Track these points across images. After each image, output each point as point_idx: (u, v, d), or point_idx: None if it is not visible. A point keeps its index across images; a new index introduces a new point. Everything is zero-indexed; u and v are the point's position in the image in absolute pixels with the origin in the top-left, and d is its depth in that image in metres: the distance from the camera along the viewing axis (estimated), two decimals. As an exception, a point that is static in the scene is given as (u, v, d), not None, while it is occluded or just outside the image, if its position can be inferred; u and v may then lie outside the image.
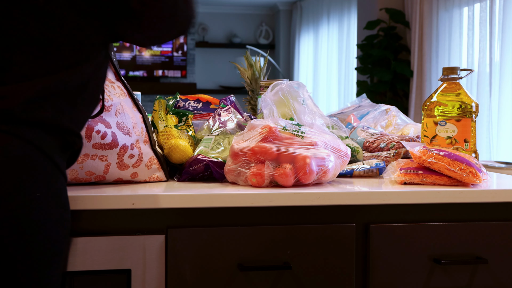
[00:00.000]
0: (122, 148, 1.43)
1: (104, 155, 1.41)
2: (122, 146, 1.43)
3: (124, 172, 1.45)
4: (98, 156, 1.40)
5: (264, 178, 1.43)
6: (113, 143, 1.41)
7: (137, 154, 1.46)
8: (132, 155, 1.45)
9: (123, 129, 1.44)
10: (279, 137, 1.48)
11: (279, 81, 1.72)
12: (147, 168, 1.49)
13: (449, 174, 1.51)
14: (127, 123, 1.46)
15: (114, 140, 1.41)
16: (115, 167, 1.43)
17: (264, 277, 1.39)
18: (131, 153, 1.45)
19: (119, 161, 1.43)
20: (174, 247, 1.35)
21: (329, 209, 1.43)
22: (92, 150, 1.40)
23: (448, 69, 1.78)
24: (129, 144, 1.45)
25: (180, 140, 1.58)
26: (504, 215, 1.51)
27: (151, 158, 1.50)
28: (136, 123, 1.49)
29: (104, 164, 1.42)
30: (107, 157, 1.41)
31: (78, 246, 1.30)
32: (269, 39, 8.53)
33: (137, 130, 1.48)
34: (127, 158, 1.44)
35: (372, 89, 5.06)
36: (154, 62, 8.14)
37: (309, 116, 1.64)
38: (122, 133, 1.44)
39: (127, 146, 1.44)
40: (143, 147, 1.49)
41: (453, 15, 4.68)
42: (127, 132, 1.45)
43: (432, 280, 1.47)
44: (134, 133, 1.47)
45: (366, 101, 2.16)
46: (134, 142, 1.47)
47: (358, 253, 1.45)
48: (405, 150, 1.74)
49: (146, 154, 1.49)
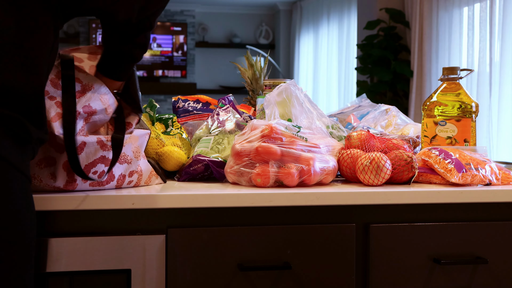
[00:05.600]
0: (119, 179, 1.39)
1: (101, 188, 1.37)
2: (120, 176, 1.39)
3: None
4: (96, 190, 1.36)
5: (269, 178, 1.43)
6: (109, 178, 1.37)
7: (136, 178, 1.42)
8: (130, 181, 1.42)
9: (120, 159, 1.37)
10: (282, 137, 1.48)
11: (284, 81, 1.72)
12: (146, 184, 1.46)
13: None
14: (128, 151, 1.39)
15: (110, 175, 1.36)
16: (113, 191, 1.39)
17: (264, 277, 1.39)
18: (129, 180, 1.41)
19: (117, 185, 1.40)
20: (174, 247, 1.35)
21: (329, 209, 1.43)
22: (89, 187, 1.35)
23: (448, 69, 1.78)
24: (127, 173, 1.40)
25: (172, 147, 1.58)
26: (504, 215, 1.51)
27: (151, 173, 1.47)
28: (140, 145, 1.42)
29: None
30: (104, 189, 1.38)
31: (78, 246, 1.30)
32: (269, 39, 8.53)
33: (139, 154, 1.42)
34: (126, 185, 1.41)
35: (372, 89, 5.06)
36: (154, 62, 8.14)
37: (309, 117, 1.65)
38: (119, 163, 1.37)
39: (124, 175, 1.40)
40: (142, 163, 1.44)
41: (453, 15, 4.68)
42: (125, 161, 1.39)
43: (432, 280, 1.47)
44: (135, 158, 1.41)
45: (366, 101, 2.15)
46: (135, 167, 1.42)
47: (358, 253, 1.45)
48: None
49: (146, 170, 1.45)
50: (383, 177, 1.49)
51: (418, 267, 1.46)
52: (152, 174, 1.47)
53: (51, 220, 1.30)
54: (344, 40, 6.49)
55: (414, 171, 1.52)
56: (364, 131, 1.63)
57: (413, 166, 1.52)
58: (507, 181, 1.58)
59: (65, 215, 1.31)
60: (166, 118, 1.71)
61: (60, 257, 1.29)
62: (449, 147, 1.67)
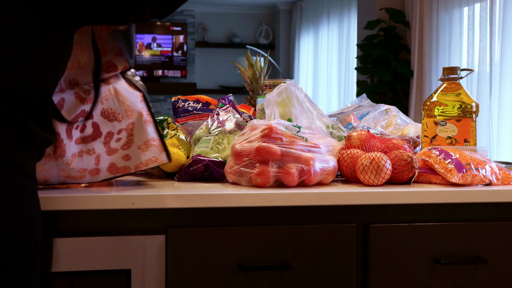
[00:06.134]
0: (107, 136, 1.37)
1: (90, 148, 1.36)
2: (107, 133, 1.37)
3: (114, 156, 1.38)
4: (85, 151, 1.36)
5: (270, 178, 1.43)
6: (96, 133, 1.36)
7: (124, 136, 1.38)
8: (118, 139, 1.38)
9: (109, 116, 1.37)
10: (283, 137, 1.48)
11: (284, 81, 1.72)
12: (141, 150, 1.39)
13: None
14: (116, 107, 1.38)
15: (96, 130, 1.36)
16: (105, 156, 1.38)
17: (264, 277, 1.39)
18: (117, 137, 1.38)
19: (106, 148, 1.37)
20: (174, 247, 1.34)
21: (329, 209, 1.43)
22: (76, 147, 1.35)
23: (448, 69, 1.78)
24: (116, 130, 1.38)
25: (172, 148, 1.57)
26: (504, 215, 1.51)
27: (151, 140, 1.40)
28: (132, 105, 1.40)
29: (94, 157, 1.37)
30: (94, 149, 1.37)
31: (78, 246, 1.30)
32: (269, 39, 8.53)
33: (132, 113, 1.39)
34: (114, 142, 1.38)
35: (372, 89, 5.06)
36: (154, 62, 8.14)
37: (309, 117, 1.64)
38: (108, 120, 1.37)
39: (113, 133, 1.38)
40: (145, 127, 1.39)
41: (453, 15, 4.68)
42: (115, 118, 1.38)
43: (432, 280, 1.47)
44: (127, 117, 1.39)
45: (366, 101, 2.15)
46: (125, 126, 1.38)
47: (358, 253, 1.44)
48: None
49: (144, 135, 1.39)
50: (383, 177, 1.49)
51: (418, 267, 1.46)
52: (154, 141, 1.40)
53: (51, 220, 1.30)
54: (344, 40, 6.49)
55: (414, 171, 1.52)
56: (364, 131, 1.63)
57: (413, 166, 1.52)
58: (507, 181, 1.58)
59: (65, 215, 1.31)
60: (161, 121, 1.70)
61: (60, 257, 1.29)
62: (449, 147, 1.67)
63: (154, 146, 1.40)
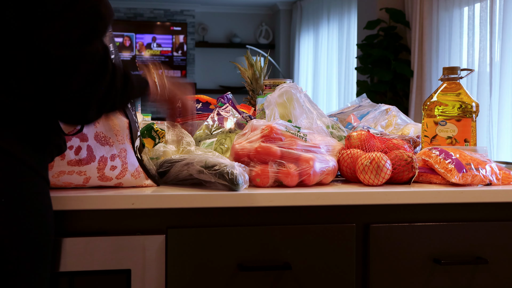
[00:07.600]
0: (100, 161, 1.36)
1: (82, 170, 1.35)
2: (101, 158, 1.36)
3: (106, 183, 1.39)
4: (76, 172, 1.35)
5: (269, 178, 1.43)
6: (89, 158, 1.35)
7: (119, 165, 1.38)
8: (114, 167, 1.38)
9: (101, 140, 1.36)
10: (282, 138, 1.48)
11: (284, 81, 1.72)
12: (133, 178, 1.41)
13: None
14: (107, 132, 1.37)
15: (90, 154, 1.35)
16: (95, 180, 1.37)
17: (264, 277, 1.38)
18: (112, 164, 1.37)
19: (100, 174, 1.37)
20: (174, 247, 1.34)
21: (329, 209, 1.43)
22: (67, 167, 1.34)
23: (448, 69, 1.78)
24: (109, 156, 1.37)
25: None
26: (505, 215, 1.51)
27: (137, 168, 1.41)
28: (120, 130, 1.39)
29: (82, 178, 1.36)
30: (85, 172, 1.36)
31: (78, 246, 1.30)
32: (269, 39, 8.53)
33: (121, 138, 1.39)
34: (108, 171, 1.37)
35: (372, 89, 5.06)
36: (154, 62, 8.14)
37: (309, 117, 1.64)
38: (100, 144, 1.36)
39: (106, 158, 1.36)
40: (129, 156, 1.40)
41: (453, 15, 4.68)
42: (107, 142, 1.37)
43: (432, 280, 1.47)
44: (117, 141, 1.38)
45: (366, 101, 2.15)
46: (117, 151, 1.38)
47: (358, 253, 1.44)
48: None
49: (132, 164, 1.40)
50: (383, 177, 1.49)
51: (418, 267, 1.46)
52: (139, 169, 1.41)
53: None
54: (344, 40, 6.49)
55: (414, 171, 1.52)
56: (364, 131, 1.63)
57: (413, 166, 1.52)
58: (507, 181, 1.58)
59: (64, 215, 1.30)
60: (148, 131, 1.68)
61: (60, 257, 1.29)
62: (450, 147, 1.67)
63: (142, 173, 1.42)
